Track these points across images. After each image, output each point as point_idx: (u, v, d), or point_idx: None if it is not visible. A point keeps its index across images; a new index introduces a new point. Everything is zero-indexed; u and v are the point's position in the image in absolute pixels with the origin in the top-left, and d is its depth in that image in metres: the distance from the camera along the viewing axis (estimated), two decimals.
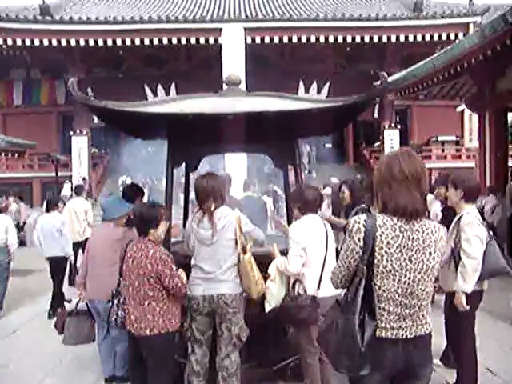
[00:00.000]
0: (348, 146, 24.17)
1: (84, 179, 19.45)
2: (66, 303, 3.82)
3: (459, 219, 3.23)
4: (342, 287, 1.99)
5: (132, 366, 3.25)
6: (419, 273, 1.85)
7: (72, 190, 18.85)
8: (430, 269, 1.87)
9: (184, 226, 4.34)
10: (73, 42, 17.72)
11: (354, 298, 1.83)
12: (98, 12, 19.00)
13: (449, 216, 3.75)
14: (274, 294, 3.11)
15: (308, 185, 3.54)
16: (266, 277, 3.12)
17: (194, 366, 3.08)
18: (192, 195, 4.90)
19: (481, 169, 10.46)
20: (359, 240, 1.84)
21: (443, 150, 22.27)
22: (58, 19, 17.71)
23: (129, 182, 18.93)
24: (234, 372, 3.04)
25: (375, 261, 1.83)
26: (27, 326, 5.46)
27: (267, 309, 3.13)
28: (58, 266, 5.92)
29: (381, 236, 1.82)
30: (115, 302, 3.08)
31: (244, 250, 3.01)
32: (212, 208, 2.99)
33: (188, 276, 3.07)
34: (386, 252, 1.82)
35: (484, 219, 3.50)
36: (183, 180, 4.70)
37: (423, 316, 1.90)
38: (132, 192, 4.07)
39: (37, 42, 17.59)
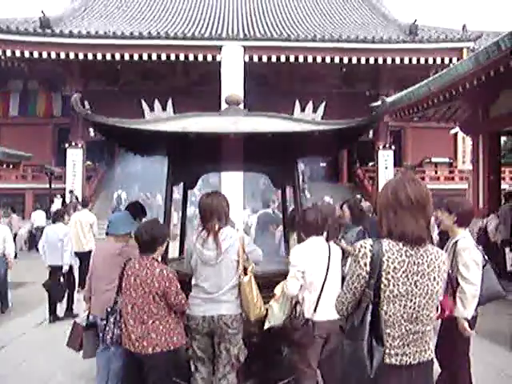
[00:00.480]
0: (342, 166, 24.33)
1: (71, 192, 19.39)
2: (76, 318, 3.78)
3: (455, 243, 3.23)
4: (347, 313, 1.96)
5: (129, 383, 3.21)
6: (424, 298, 1.85)
7: (63, 205, 18.84)
8: (435, 294, 1.87)
9: (181, 243, 4.35)
10: (71, 56, 17.82)
11: (362, 323, 1.82)
12: (98, 26, 19.16)
13: (444, 240, 3.78)
14: (275, 314, 3.10)
15: (309, 207, 3.53)
16: (264, 298, 3.11)
17: (200, 383, 3.05)
18: (189, 212, 4.90)
19: (474, 191, 10.56)
20: (365, 265, 1.84)
21: (436, 172, 22.49)
22: (57, 32, 17.81)
23: (124, 196, 18.88)
24: None
25: (382, 286, 1.82)
26: (18, 339, 5.38)
27: (266, 326, 3.12)
28: (55, 274, 6.12)
29: (387, 261, 1.82)
30: (111, 319, 3.09)
31: (245, 272, 2.99)
32: (216, 228, 2.97)
33: (187, 294, 3.06)
34: (392, 277, 1.82)
35: (488, 239, 3.52)
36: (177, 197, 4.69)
37: (426, 342, 1.90)
38: (136, 210, 4.06)
39: (36, 55, 17.67)
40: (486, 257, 3.30)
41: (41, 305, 6.87)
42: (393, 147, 21.79)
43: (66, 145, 20.89)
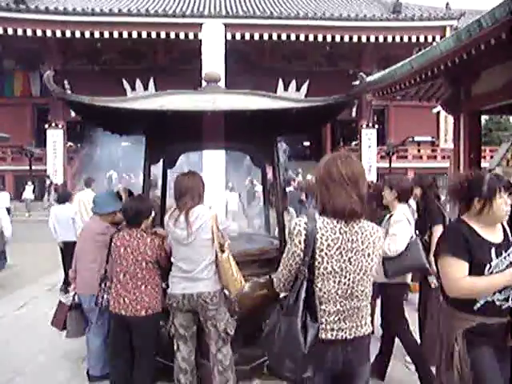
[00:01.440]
0: (326, 145, 24.37)
1: (48, 177, 19.27)
2: (61, 298, 3.80)
3: (390, 217, 3.53)
4: (284, 291, 1.98)
5: (116, 353, 3.28)
6: (358, 274, 1.87)
7: (33, 192, 18.65)
8: (369, 270, 1.90)
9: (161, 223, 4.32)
10: (48, 33, 17.37)
11: (296, 300, 1.83)
12: (76, 2, 18.62)
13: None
14: None
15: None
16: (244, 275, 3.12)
17: (181, 363, 3.07)
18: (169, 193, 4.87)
19: (455, 169, 10.68)
20: (300, 242, 1.85)
21: (419, 151, 22.68)
22: (33, 8, 17.30)
23: (115, 176, 18.68)
24: (229, 365, 3.07)
25: (316, 263, 1.84)
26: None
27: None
28: (70, 249, 6.27)
29: (321, 238, 1.83)
30: (102, 285, 3.32)
31: (222, 249, 2.99)
32: (188, 206, 2.95)
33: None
34: (326, 254, 1.84)
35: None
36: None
37: (362, 317, 1.93)
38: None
39: (10, 31, 17.19)
40: (417, 232, 3.63)
41: (21, 287, 6.84)
42: (376, 126, 21.87)
43: (46, 125, 20.52)
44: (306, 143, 28.91)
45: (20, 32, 17.21)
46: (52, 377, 3.82)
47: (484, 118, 19.73)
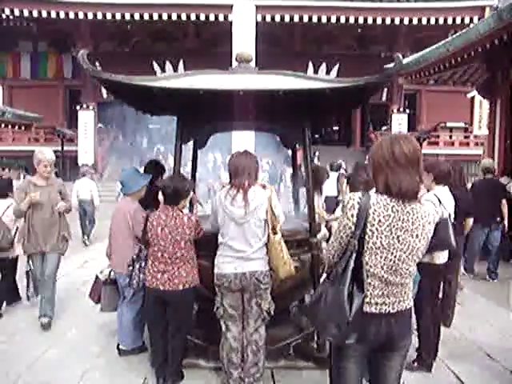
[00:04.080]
0: (355, 130, 24.01)
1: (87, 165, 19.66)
2: (98, 273, 3.95)
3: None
4: (334, 262, 2.06)
5: (153, 328, 3.39)
6: (404, 252, 1.95)
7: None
8: (416, 250, 1.97)
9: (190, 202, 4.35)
10: (81, 15, 17.53)
11: (345, 270, 1.93)
12: None
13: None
14: None
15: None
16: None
17: (232, 342, 3.09)
18: (199, 172, 4.89)
19: (489, 156, 10.36)
20: (352, 216, 1.94)
21: (451, 137, 22.09)
22: None
23: (162, 149, 19.33)
24: (262, 346, 3.11)
25: (366, 237, 1.93)
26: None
27: None
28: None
29: (373, 213, 1.92)
30: (136, 266, 3.41)
31: (274, 230, 2.98)
32: (246, 185, 2.94)
33: (212, 254, 3.14)
34: (376, 229, 1.92)
35: None
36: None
37: (405, 293, 2.02)
38: (154, 169, 4.23)
39: (44, 14, 17.41)
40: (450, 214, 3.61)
41: None
42: (407, 111, 21.38)
43: (78, 107, 20.85)
44: (336, 128, 28.58)
45: (53, 14, 17.43)
46: (84, 349, 3.95)
47: None
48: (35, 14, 17.38)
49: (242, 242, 2.97)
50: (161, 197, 3.31)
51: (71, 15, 17.50)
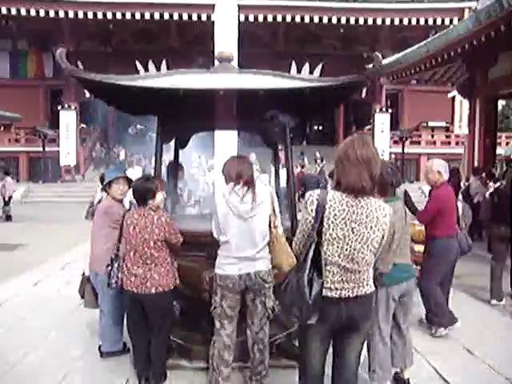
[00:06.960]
0: (338, 129, 24.17)
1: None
2: (84, 270, 3.94)
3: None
4: (300, 253, 2.25)
5: (133, 329, 3.38)
6: (359, 243, 2.15)
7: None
8: (370, 240, 2.16)
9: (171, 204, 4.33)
10: (61, 14, 17.32)
11: (305, 259, 2.14)
12: None
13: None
14: None
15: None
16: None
17: (226, 340, 3.07)
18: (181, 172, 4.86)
19: (469, 155, 10.55)
20: (312, 211, 2.17)
21: (433, 136, 22.38)
22: None
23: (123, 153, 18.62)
24: (267, 343, 3.14)
25: (323, 229, 2.14)
26: (14, 300, 5.43)
27: None
28: None
29: (329, 208, 2.13)
30: (115, 265, 3.35)
31: (274, 225, 3.00)
32: (250, 181, 2.95)
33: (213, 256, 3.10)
34: (332, 222, 2.13)
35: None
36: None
37: (364, 279, 2.23)
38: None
39: (23, 12, 17.14)
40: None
41: (36, 267, 6.95)
42: (390, 110, 21.58)
43: (59, 107, 20.58)
44: (319, 127, 28.72)
45: (33, 12, 17.18)
46: (65, 352, 3.90)
47: (500, 103, 19.35)
48: (14, 11, 17.09)
49: (246, 241, 2.95)
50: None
51: (51, 13, 17.28)
